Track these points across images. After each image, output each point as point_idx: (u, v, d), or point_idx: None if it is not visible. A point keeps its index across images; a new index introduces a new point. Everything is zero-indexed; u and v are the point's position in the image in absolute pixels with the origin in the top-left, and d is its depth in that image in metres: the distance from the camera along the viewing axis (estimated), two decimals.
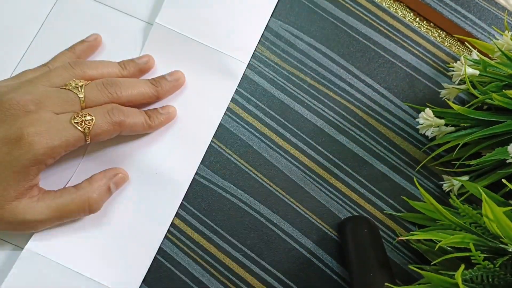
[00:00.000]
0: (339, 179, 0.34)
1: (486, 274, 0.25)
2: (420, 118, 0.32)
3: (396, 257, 0.32)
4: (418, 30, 0.37)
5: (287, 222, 0.33)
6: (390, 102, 0.35)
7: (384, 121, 0.35)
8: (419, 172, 0.34)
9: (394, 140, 0.35)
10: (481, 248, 0.26)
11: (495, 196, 0.29)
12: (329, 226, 0.33)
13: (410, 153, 0.35)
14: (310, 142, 0.34)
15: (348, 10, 0.37)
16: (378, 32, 0.37)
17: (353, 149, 0.34)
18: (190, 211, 0.32)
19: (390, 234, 0.33)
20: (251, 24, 0.36)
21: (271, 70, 0.36)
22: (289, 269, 0.32)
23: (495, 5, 0.37)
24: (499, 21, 0.37)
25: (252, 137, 0.34)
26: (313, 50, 0.36)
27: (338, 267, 0.32)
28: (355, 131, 0.35)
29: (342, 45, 0.36)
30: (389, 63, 0.36)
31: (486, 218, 0.24)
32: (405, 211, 0.33)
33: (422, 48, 0.37)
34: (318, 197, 0.33)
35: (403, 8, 0.38)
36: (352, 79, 0.36)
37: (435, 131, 0.32)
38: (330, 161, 0.34)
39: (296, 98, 0.35)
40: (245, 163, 0.34)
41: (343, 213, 0.33)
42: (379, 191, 0.34)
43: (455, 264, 0.28)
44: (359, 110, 0.35)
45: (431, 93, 0.36)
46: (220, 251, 0.32)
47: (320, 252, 0.32)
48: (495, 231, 0.24)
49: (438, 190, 0.34)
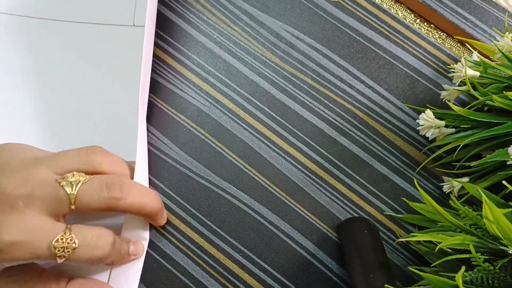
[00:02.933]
0: (339, 180, 0.34)
1: (486, 276, 0.25)
2: (421, 119, 0.32)
3: (396, 259, 0.32)
4: (418, 31, 0.37)
5: (287, 223, 0.33)
6: (391, 104, 0.35)
7: (384, 122, 0.35)
8: (419, 173, 0.34)
9: (394, 142, 0.35)
10: (481, 250, 0.26)
11: (496, 198, 0.29)
12: (329, 227, 0.33)
13: (411, 154, 0.35)
14: (310, 143, 0.34)
15: (348, 11, 0.37)
16: (379, 33, 0.37)
17: (353, 150, 0.34)
18: (190, 211, 0.32)
19: (390, 235, 0.33)
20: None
21: (271, 71, 0.36)
22: (289, 270, 0.32)
23: (496, 6, 0.37)
24: (500, 22, 0.37)
25: (252, 138, 0.34)
26: (313, 51, 0.36)
27: (338, 268, 0.32)
28: (355, 132, 0.35)
29: (342, 46, 0.36)
30: (389, 65, 0.36)
31: (486, 219, 0.24)
32: (405, 212, 0.33)
33: (423, 49, 0.37)
34: (318, 198, 0.33)
35: (404, 9, 0.38)
36: (352, 80, 0.36)
37: (436, 133, 0.32)
38: (330, 162, 0.34)
39: (297, 99, 0.35)
40: (245, 164, 0.34)
41: (343, 214, 0.33)
42: (379, 192, 0.34)
43: (455, 266, 0.28)
44: (359, 111, 0.35)
45: (432, 94, 0.36)
46: (219, 252, 0.32)
47: (320, 253, 0.32)
48: (495, 233, 0.24)
49: (438, 192, 0.34)
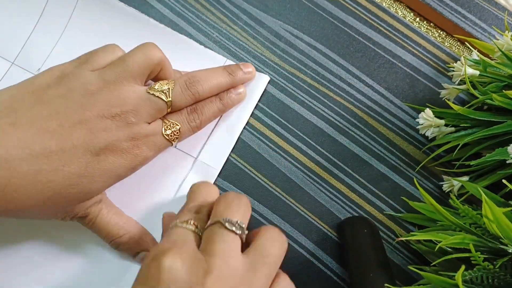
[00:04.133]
0: (339, 180, 0.34)
1: (486, 275, 0.25)
2: (420, 118, 0.32)
3: (396, 258, 0.32)
4: (418, 30, 0.37)
5: (287, 222, 0.33)
6: (390, 103, 0.35)
7: (384, 121, 0.35)
8: (419, 172, 0.34)
9: (394, 141, 0.35)
10: (481, 249, 0.26)
11: (495, 197, 0.29)
12: (328, 226, 0.33)
13: (410, 153, 0.34)
14: (310, 142, 0.34)
15: (348, 10, 0.37)
16: (378, 32, 0.37)
17: (353, 149, 0.34)
18: None
19: (390, 234, 0.33)
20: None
21: (270, 70, 0.36)
22: (289, 269, 0.32)
23: (495, 5, 0.37)
24: (499, 21, 0.37)
25: (252, 138, 0.34)
26: (313, 50, 0.36)
27: (338, 267, 0.32)
28: (355, 131, 0.35)
29: (342, 45, 0.36)
30: (389, 63, 0.36)
31: (486, 218, 0.24)
32: (405, 211, 0.33)
33: (422, 48, 0.36)
34: (318, 197, 0.33)
35: (403, 8, 0.38)
36: (352, 79, 0.36)
37: (435, 132, 0.32)
38: (330, 161, 0.34)
39: (296, 98, 0.35)
40: (245, 163, 0.34)
41: (343, 213, 0.33)
42: (379, 192, 0.34)
43: (455, 265, 0.28)
44: (359, 111, 0.35)
45: (431, 93, 0.36)
46: None
47: (319, 252, 0.32)
48: (495, 232, 0.24)
49: (438, 191, 0.34)
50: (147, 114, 0.28)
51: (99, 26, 0.35)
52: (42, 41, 0.35)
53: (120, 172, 0.28)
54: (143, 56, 0.29)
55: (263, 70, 0.36)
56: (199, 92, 0.31)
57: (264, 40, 0.36)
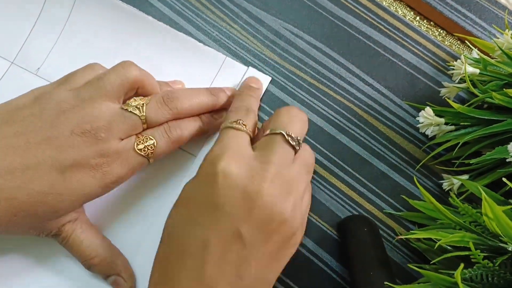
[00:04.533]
0: (339, 178, 0.34)
1: (485, 273, 0.25)
2: (420, 117, 0.32)
3: (395, 256, 0.32)
4: (418, 29, 0.37)
5: None
6: (390, 101, 0.35)
7: (384, 120, 0.35)
8: (419, 171, 0.34)
9: (394, 139, 0.35)
10: (481, 247, 0.26)
11: (495, 195, 0.29)
12: (329, 225, 0.33)
13: (410, 152, 0.34)
14: (309, 141, 0.34)
15: (348, 9, 0.37)
16: (378, 31, 0.37)
17: (353, 148, 0.34)
18: None
19: (390, 233, 0.33)
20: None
21: (271, 69, 0.36)
22: (289, 268, 0.32)
23: (496, 4, 0.37)
24: (500, 20, 0.37)
25: None
26: (313, 49, 0.36)
27: (338, 266, 0.32)
28: (355, 130, 0.35)
29: (342, 43, 0.36)
30: (389, 62, 0.36)
31: (486, 217, 0.24)
32: (405, 210, 0.33)
33: (422, 47, 0.36)
34: (318, 196, 0.33)
35: (403, 7, 0.38)
36: (352, 78, 0.36)
37: (435, 130, 0.32)
38: (330, 160, 0.34)
39: (296, 97, 0.35)
40: None
41: (343, 212, 0.33)
42: (379, 190, 0.34)
43: (454, 263, 0.28)
44: (359, 109, 0.35)
45: (431, 91, 0.36)
46: None
47: (320, 251, 0.32)
48: (495, 230, 0.24)
49: (438, 189, 0.34)
50: (120, 130, 0.28)
51: (98, 25, 0.35)
52: (41, 40, 0.35)
53: (89, 190, 0.27)
54: (118, 76, 0.28)
55: (263, 68, 0.36)
56: (177, 108, 0.30)
57: (264, 38, 0.36)
